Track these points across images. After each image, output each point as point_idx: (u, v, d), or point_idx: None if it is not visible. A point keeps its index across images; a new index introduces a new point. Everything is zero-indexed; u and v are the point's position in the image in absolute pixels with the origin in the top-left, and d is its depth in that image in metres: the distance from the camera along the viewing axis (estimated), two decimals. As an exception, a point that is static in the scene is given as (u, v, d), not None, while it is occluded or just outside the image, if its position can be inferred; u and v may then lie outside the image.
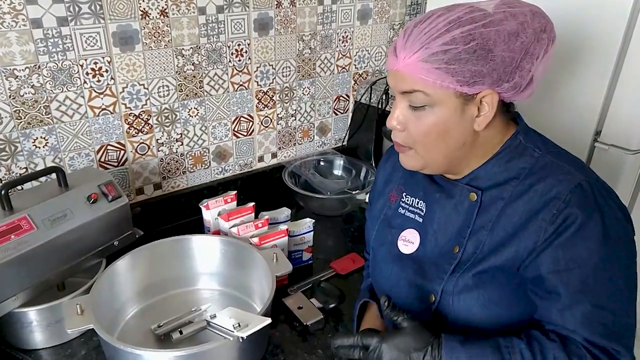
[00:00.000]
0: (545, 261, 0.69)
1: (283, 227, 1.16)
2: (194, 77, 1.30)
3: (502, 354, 0.69)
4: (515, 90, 0.71)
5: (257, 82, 1.43)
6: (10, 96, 1.07)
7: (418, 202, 0.86)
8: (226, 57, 1.34)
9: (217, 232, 1.23)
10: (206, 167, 1.44)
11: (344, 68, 1.61)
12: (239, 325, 0.83)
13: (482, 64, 0.67)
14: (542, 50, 0.70)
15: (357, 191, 1.46)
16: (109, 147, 1.25)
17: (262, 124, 1.50)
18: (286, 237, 1.16)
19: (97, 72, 1.15)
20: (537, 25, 0.69)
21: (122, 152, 1.27)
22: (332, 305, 1.08)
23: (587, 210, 0.68)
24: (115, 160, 1.27)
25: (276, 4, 1.36)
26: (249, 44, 1.36)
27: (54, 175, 1.03)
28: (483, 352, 0.70)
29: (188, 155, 1.39)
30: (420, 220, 0.84)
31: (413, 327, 0.73)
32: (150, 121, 1.28)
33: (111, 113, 1.21)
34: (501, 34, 0.67)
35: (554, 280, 0.69)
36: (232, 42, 1.33)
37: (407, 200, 0.88)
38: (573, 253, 0.68)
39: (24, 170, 1.15)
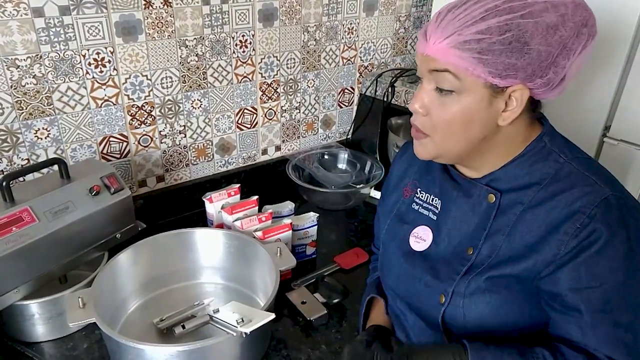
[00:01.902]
0: (565, 277, 0.67)
1: (287, 221, 1.15)
2: (198, 68, 1.29)
3: (525, 357, 0.68)
4: (547, 87, 0.68)
5: (262, 73, 1.41)
6: (11, 86, 1.06)
7: (433, 199, 0.83)
8: (230, 49, 1.32)
9: (220, 226, 1.22)
10: (209, 159, 1.43)
11: (349, 60, 1.59)
12: (242, 320, 0.83)
13: (516, 57, 0.64)
14: (581, 45, 0.67)
15: (362, 185, 1.45)
16: (111, 139, 1.23)
17: (266, 116, 1.48)
18: (290, 231, 1.14)
19: (99, 63, 1.14)
20: (578, 18, 0.66)
21: (125, 143, 1.26)
22: (335, 300, 1.07)
23: (612, 227, 0.65)
24: (118, 152, 1.26)
25: (281, -5, 1.35)
26: (253, 35, 1.34)
27: (56, 167, 1.02)
28: (507, 352, 0.68)
29: (191, 148, 1.38)
30: (434, 217, 0.82)
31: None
32: (153, 113, 1.27)
33: (114, 104, 1.20)
34: (539, 26, 0.63)
35: (575, 298, 0.67)
36: (237, 33, 1.31)
37: (422, 196, 0.86)
38: (596, 271, 0.65)
39: (26, 161, 1.14)
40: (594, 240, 0.65)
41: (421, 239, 0.83)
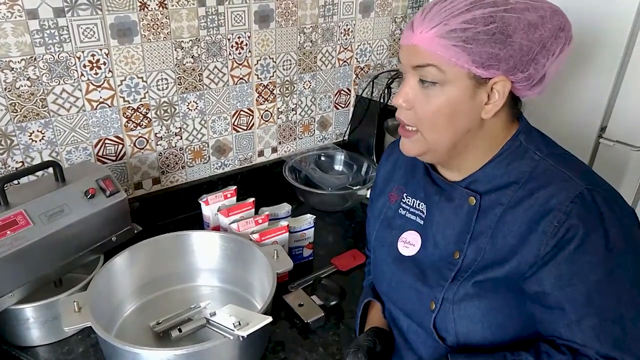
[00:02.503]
0: (548, 276, 0.68)
1: (284, 223, 1.15)
2: (194, 70, 1.28)
3: None
4: (528, 82, 0.70)
5: (258, 75, 1.41)
6: (5, 89, 1.05)
7: (419, 203, 0.84)
8: (226, 50, 1.31)
9: (217, 228, 1.22)
10: (205, 161, 1.42)
11: (345, 61, 1.59)
12: (239, 324, 0.82)
13: (499, 47, 0.66)
14: (559, 48, 0.69)
15: (358, 187, 1.45)
16: (106, 141, 1.23)
17: (262, 118, 1.48)
18: (287, 234, 1.14)
19: (94, 65, 1.13)
20: (556, 22, 0.69)
21: (120, 146, 1.25)
22: (333, 303, 1.06)
23: (589, 222, 0.66)
24: (113, 155, 1.25)
25: (277, -4, 1.34)
26: (249, 37, 1.34)
27: (50, 170, 1.01)
28: (487, 358, 0.69)
29: (187, 150, 1.37)
30: (422, 222, 0.83)
31: None
32: (148, 115, 1.26)
33: (109, 106, 1.19)
34: (522, 22, 0.66)
35: (558, 296, 0.67)
36: (232, 34, 1.31)
37: (408, 201, 0.86)
38: (576, 268, 0.66)
39: (20, 164, 1.13)
40: (572, 236, 0.66)
41: (410, 244, 0.83)
